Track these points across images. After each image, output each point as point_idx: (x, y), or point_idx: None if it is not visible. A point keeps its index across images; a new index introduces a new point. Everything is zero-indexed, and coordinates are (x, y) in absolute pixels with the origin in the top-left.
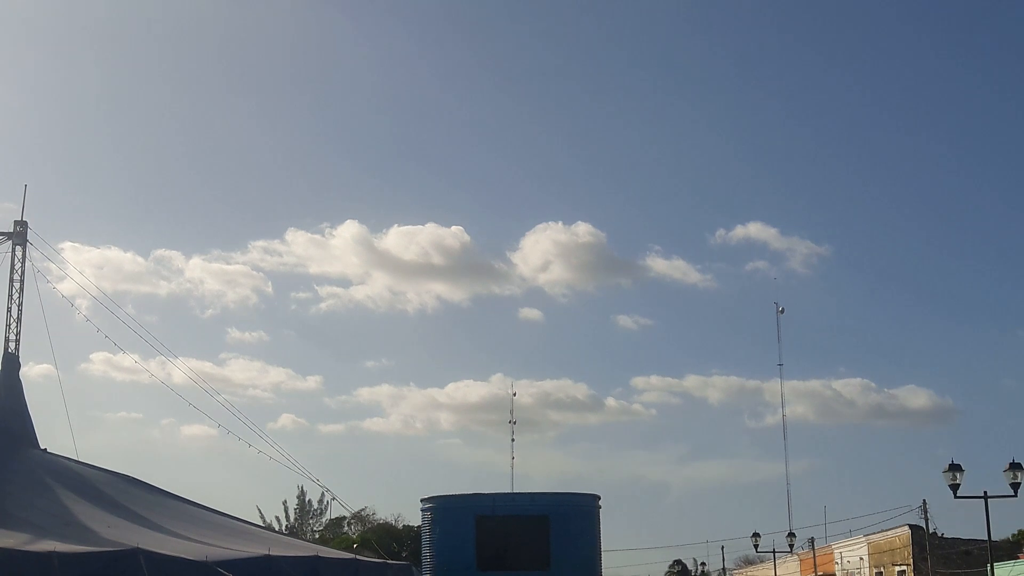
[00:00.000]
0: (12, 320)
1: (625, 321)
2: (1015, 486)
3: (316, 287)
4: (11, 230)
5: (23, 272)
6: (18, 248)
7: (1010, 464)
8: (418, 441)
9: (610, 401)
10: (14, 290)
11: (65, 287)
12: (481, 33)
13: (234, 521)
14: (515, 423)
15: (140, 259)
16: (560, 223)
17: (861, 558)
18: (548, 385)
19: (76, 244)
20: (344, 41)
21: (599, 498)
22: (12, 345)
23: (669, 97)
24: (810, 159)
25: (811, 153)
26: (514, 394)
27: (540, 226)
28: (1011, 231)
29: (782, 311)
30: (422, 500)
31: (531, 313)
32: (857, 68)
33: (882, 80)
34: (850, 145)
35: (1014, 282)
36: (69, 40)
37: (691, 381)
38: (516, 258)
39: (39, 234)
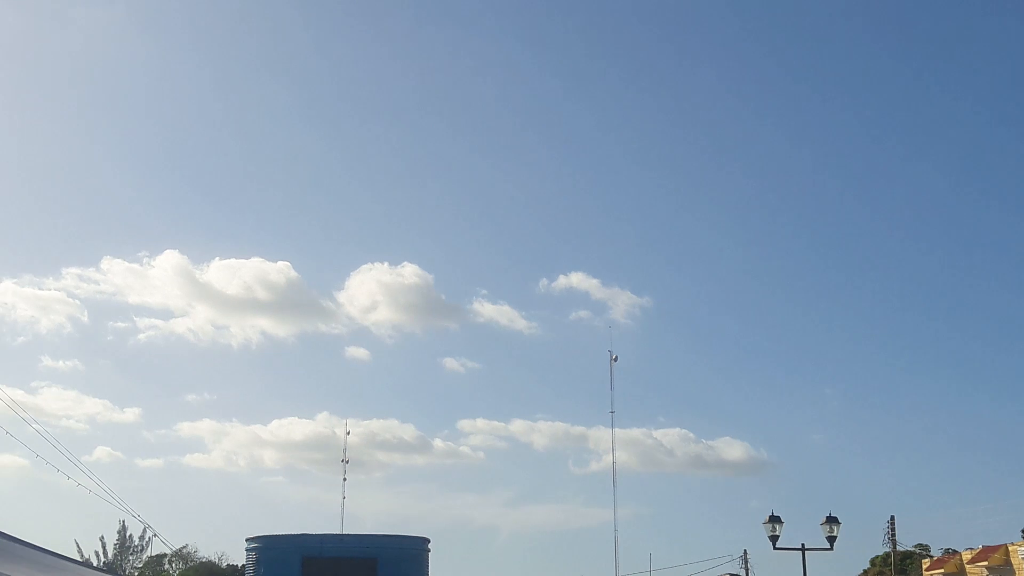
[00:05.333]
0: None
1: (452, 363)
2: (831, 539)
3: (135, 318)
4: None
5: None
6: None
7: (827, 518)
8: (241, 478)
9: (438, 443)
10: None
11: None
12: (297, 67)
13: (49, 556)
14: (347, 462)
15: None
16: (386, 264)
17: None
18: (375, 425)
19: None
20: (132, 62)
21: (428, 541)
22: None
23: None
24: (632, 213)
25: (632, 206)
26: (348, 433)
27: (365, 266)
28: (815, 297)
29: (616, 359)
30: (247, 540)
31: (358, 352)
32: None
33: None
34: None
35: (823, 343)
36: None
37: (517, 425)
38: (342, 297)
39: None
